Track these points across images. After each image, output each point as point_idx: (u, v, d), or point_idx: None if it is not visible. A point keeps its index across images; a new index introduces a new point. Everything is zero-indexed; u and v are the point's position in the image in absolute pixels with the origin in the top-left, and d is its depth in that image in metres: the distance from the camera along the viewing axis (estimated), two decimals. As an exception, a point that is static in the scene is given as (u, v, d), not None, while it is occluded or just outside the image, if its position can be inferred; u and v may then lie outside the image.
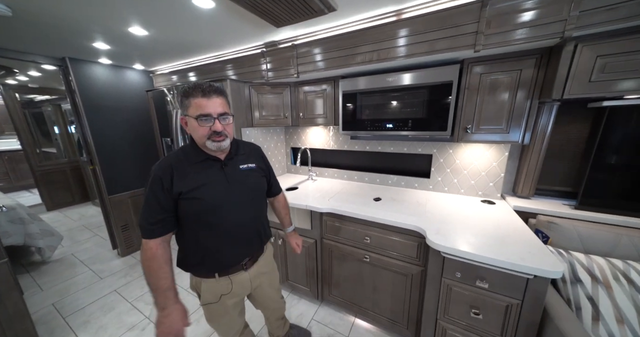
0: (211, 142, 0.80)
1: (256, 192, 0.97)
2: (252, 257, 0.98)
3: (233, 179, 0.88)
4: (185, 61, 2.00)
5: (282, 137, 2.28)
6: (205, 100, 0.77)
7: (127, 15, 1.16)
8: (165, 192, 0.77)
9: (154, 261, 0.77)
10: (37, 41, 1.49)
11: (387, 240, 1.29)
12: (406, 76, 1.29)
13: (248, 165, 0.95)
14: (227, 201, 0.85)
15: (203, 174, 0.83)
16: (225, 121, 0.81)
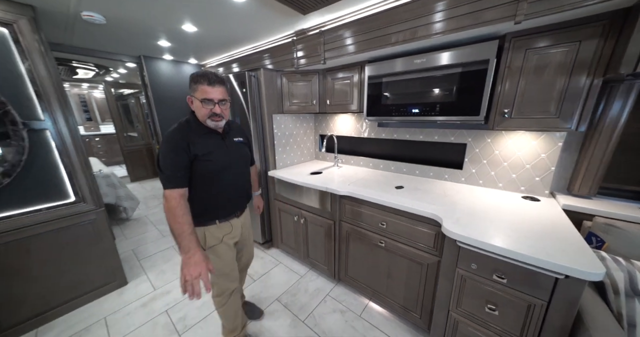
0: (210, 121, 0.99)
1: (246, 160, 1.21)
2: (241, 209, 1.22)
3: (232, 149, 1.10)
4: (228, 54, 2.23)
5: (312, 124, 2.37)
6: (210, 88, 0.94)
7: (180, 14, 1.38)
8: (186, 153, 0.94)
9: (178, 208, 0.91)
10: (122, 43, 1.88)
11: (404, 227, 1.28)
12: (436, 57, 1.21)
13: (239, 139, 1.17)
14: (230, 164, 1.08)
15: (210, 143, 1.02)
16: (223, 106, 1.00)
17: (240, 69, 2.22)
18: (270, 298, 1.70)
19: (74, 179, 1.48)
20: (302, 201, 1.79)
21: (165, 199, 0.92)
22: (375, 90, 1.47)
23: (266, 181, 2.05)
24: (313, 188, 1.66)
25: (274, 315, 1.56)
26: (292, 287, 1.79)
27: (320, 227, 1.72)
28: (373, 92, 1.49)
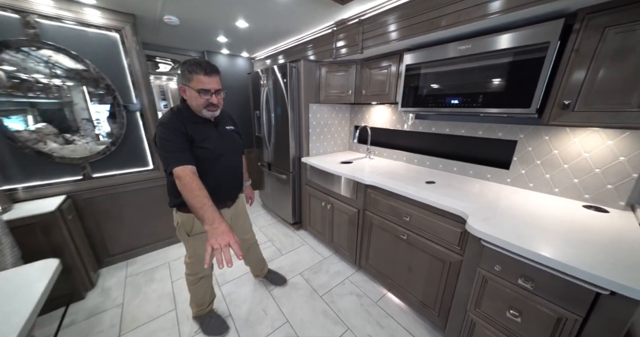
0: (207, 111, 1.00)
1: (238, 147, 1.22)
2: (232, 199, 1.26)
3: (225, 136, 1.12)
4: (274, 47, 2.39)
5: (347, 115, 2.40)
6: (207, 78, 0.94)
7: (236, 12, 1.57)
8: (185, 135, 0.96)
9: (193, 183, 0.88)
10: (190, 41, 2.22)
11: (428, 221, 1.26)
12: (484, 42, 1.10)
13: (230, 127, 1.18)
14: (224, 152, 1.10)
15: (204, 131, 1.03)
16: (219, 95, 1.01)
17: (285, 60, 2.37)
18: (294, 271, 1.88)
19: (152, 151, 1.88)
20: (330, 188, 1.88)
21: (178, 178, 0.90)
22: (413, 80, 1.42)
23: (299, 166, 2.20)
24: (340, 176, 1.72)
25: (296, 286, 1.73)
26: (314, 266, 1.94)
27: (345, 215, 1.79)
28: (410, 82, 1.43)
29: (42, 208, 1.38)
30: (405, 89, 1.47)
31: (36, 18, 1.34)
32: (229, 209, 1.25)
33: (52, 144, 1.55)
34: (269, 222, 2.66)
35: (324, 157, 2.17)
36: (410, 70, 1.41)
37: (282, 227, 2.54)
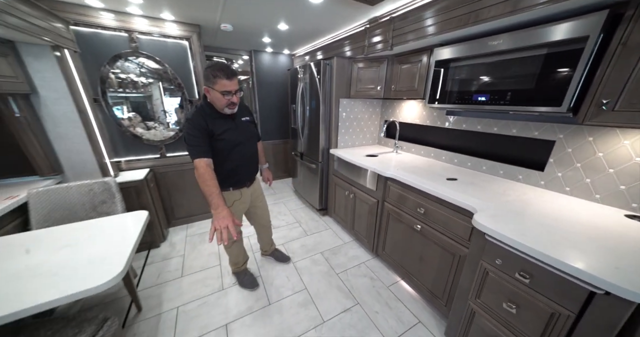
0: (227, 109, 1.19)
1: (253, 136, 1.41)
2: (250, 180, 1.47)
3: (241, 127, 1.31)
4: (313, 44, 2.55)
5: (378, 109, 2.45)
6: (229, 82, 1.10)
7: (277, 17, 1.78)
8: (206, 131, 1.15)
9: (206, 174, 1.09)
10: (240, 42, 2.54)
11: (441, 215, 1.31)
12: (516, 37, 1.07)
13: (246, 118, 1.36)
14: (241, 141, 1.30)
15: (222, 124, 1.21)
16: (238, 95, 1.18)
17: (323, 56, 2.50)
18: (315, 250, 2.11)
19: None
20: (353, 179, 2.02)
21: (195, 168, 1.11)
22: (441, 76, 1.42)
23: (328, 157, 2.38)
24: (363, 167, 1.84)
25: (316, 262, 1.96)
26: (334, 248, 2.13)
27: (366, 204, 1.92)
28: (438, 77, 1.44)
29: (135, 177, 1.87)
30: (434, 85, 1.48)
31: (137, 34, 1.79)
32: (248, 189, 1.47)
33: (140, 130, 2.05)
34: (299, 207, 2.93)
35: (351, 150, 2.29)
36: (439, 66, 1.42)
37: (310, 212, 2.78)
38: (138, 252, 2.01)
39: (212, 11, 1.66)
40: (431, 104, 1.53)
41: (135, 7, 1.59)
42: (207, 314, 1.48)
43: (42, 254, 0.96)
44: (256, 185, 1.58)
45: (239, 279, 1.69)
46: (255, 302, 1.57)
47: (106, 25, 1.67)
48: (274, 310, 1.51)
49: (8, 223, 1.22)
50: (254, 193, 1.55)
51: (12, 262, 0.91)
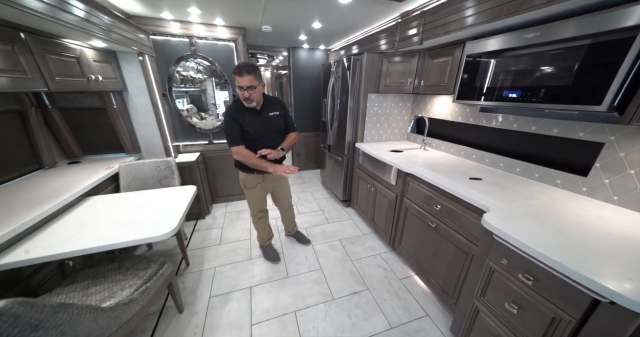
0: (245, 102, 1.36)
1: (278, 129, 1.55)
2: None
3: (265, 121, 1.47)
4: (347, 39, 2.60)
5: (409, 104, 2.39)
6: (239, 78, 1.27)
7: (311, 17, 1.91)
8: (238, 122, 1.40)
9: (248, 154, 1.41)
10: (280, 40, 2.75)
11: (456, 213, 1.30)
12: (556, 28, 0.98)
13: (274, 113, 1.49)
14: (262, 134, 1.47)
15: (248, 117, 1.42)
16: (252, 91, 1.30)
17: (358, 50, 2.54)
18: (334, 237, 2.25)
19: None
20: (375, 172, 2.07)
21: (236, 153, 1.41)
22: (471, 70, 1.36)
23: (353, 151, 2.45)
24: (384, 162, 1.88)
25: (333, 247, 2.10)
26: (353, 238, 2.24)
27: (385, 198, 1.96)
28: (468, 72, 1.39)
29: (189, 159, 2.26)
30: (463, 81, 1.43)
31: (195, 39, 2.13)
32: (271, 175, 1.65)
33: (195, 119, 2.45)
34: (324, 197, 3.10)
35: (377, 144, 2.32)
36: (470, 60, 1.36)
37: (334, 203, 2.92)
38: (188, 221, 2.45)
39: (255, 15, 1.87)
40: (459, 100, 1.48)
41: (195, 16, 1.91)
42: (236, 276, 1.77)
43: (126, 210, 1.32)
44: None
45: (264, 253, 1.95)
46: (276, 274, 1.80)
47: (174, 33, 2.03)
48: (290, 282, 1.72)
49: (107, 186, 1.67)
50: (276, 179, 1.74)
51: (107, 214, 1.28)
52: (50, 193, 1.30)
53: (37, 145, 1.59)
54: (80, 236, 1.08)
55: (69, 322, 0.79)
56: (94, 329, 0.88)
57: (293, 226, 2.13)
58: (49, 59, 1.23)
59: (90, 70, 1.50)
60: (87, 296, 1.01)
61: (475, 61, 1.34)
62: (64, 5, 1.14)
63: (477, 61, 1.33)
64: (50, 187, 1.39)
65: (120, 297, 1.01)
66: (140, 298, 1.06)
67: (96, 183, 1.52)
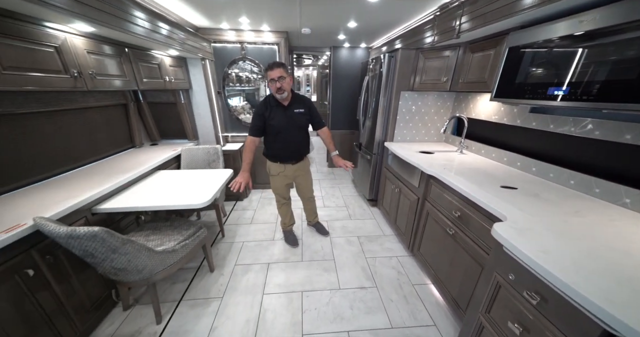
0: (277, 94, 1.52)
1: (300, 125, 1.67)
2: (296, 160, 1.78)
3: (290, 117, 1.62)
4: (387, 36, 2.55)
5: (449, 103, 2.21)
6: (271, 72, 1.47)
7: (345, 17, 1.98)
8: (262, 117, 1.60)
9: (248, 146, 1.63)
10: (321, 40, 2.89)
11: (474, 221, 1.21)
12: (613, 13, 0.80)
13: (299, 110, 1.63)
14: (284, 129, 1.63)
15: (274, 112, 1.59)
16: (281, 81, 1.47)
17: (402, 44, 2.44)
18: (353, 233, 2.28)
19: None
20: (400, 173, 2.01)
21: (246, 141, 1.66)
22: (513, 64, 1.21)
23: (382, 150, 2.42)
24: (408, 162, 1.82)
25: (350, 242, 2.15)
26: (372, 236, 2.24)
27: (408, 200, 1.90)
28: (509, 67, 1.23)
29: (233, 148, 2.64)
30: (503, 76, 1.28)
31: (246, 44, 2.46)
32: (292, 165, 1.81)
33: (243, 115, 2.82)
34: (352, 194, 3.13)
35: (407, 145, 2.23)
36: (514, 53, 1.21)
37: (360, 201, 2.94)
38: (229, 201, 2.86)
39: (294, 19, 2.05)
40: (498, 99, 1.33)
41: (246, 24, 2.21)
42: (259, 252, 2.01)
43: (181, 183, 1.68)
44: (302, 164, 1.88)
45: (285, 236, 2.15)
46: (292, 256, 1.97)
47: (229, 40, 2.40)
48: (303, 266, 1.87)
49: (172, 164, 2.13)
50: (298, 170, 1.87)
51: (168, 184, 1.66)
52: (136, 165, 1.76)
53: (133, 130, 2.14)
54: (148, 197, 1.45)
55: (132, 254, 1.10)
56: (147, 264, 1.19)
57: (314, 216, 2.25)
58: (140, 66, 1.68)
59: (167, 73, 1.94)
60: (147, 241, 1.37)
61: (520, 54, 1.18)
62: (155, 28, 1.56)
63: (521, 54, 1.18)
64: (136, 161, 1.87)
65: (166, 246, 1.33)
66: (180, 250, 1.36)
67: (164, 161, 1.96)
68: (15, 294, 0.97)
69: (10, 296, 0.95)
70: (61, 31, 1.17)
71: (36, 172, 1.42)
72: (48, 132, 1.48)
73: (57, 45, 1.13)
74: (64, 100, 1.53)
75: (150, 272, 1.24)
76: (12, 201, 1.22)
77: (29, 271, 1.00)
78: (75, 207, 1.21)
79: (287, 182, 1.91)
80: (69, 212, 1.17)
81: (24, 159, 1.37)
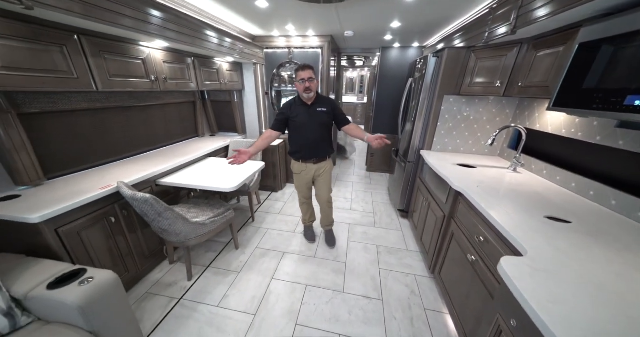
0: (304, 94, 1.60)
1: (323, 123, 1.72)
2: (316, 160, 1.80)
3: (312, 115, 1.68)
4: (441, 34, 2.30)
5: (508, 111, 1.85)
6: (302, 72, 1.56)
7: (387, 17, 1.92)
8: (285, 114, 1.70)
9: (265, 134, 1.75)
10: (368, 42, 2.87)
11: (495, 251, 1.02)
12: None
13: (322, 109, 1.68)
14: (305, 126, 1.69)
15: (297, 110, 1.67)
16: (310, 82, 1.56)
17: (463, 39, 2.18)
18: (373, 242, 2.20)
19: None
20: (431, 185, 1.83)
21: (265, 131, 1.80)
22: (581, 66, 0.95)
23: (418, 158, 2.23)
24: (439, 173, 1.64)
25: (367, 249, 2.09)
26: (393, 249, 2.11)
27: (434, 216, 1.72)
28: (577, 69, 0.97)
29: (273, 143, 2.90)
30: (568, 79, 1.02)
31: (293, 49, 2.66)
32: (313, 165, 1.83)
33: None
34: (383, 202, 2.99)
35: (446, 155, 2.00)
36: (583, 51, 0.95)
37: (390, 210, 2.78)
38: (265, 191, 3.16)
39: (335, 24, 2.11)
40: (557, 108, 1.06)
41: (293, 30, 2.40)
42: (279, 241, 2.18)
43: (221, 170, 1.99)
44: (323, 165, 1.87)
45: (305, 231, 2.25)
46: (306, 250, 2.06)
47: (279, 46, 2.66)
48: (314, 262, 1.93)
49: (220, 153, 2.53)
50: (318, 170, 1.87)
51: (213, 170, 1.99)
52: (194, 151, 2.18)
53: (198, 123, 2.64)
54: (194, 178, 1.79)
55: (172, 219, 1.40)
56: (182, 230, 1.49)
57: (326, 223, 2.15)
58: (202, 71, 2.07)
59: (223, 76, 2.32)
60: (188, 212, 1.69)
61: (592, 52, 0.92)
62: (222, 42, 1.92)
63: (594, 52, 0.92)
64: (195, 148, 2.31)
65: (199, 219, 1.61)
66: (209, 225, 1.63)
67: (215, 149, 2.36)
68: (104, 232, 1.39)
69: (101, 233, 1.37)
70: (147, 47, 1.59)
71: (131, 149, 1.96)
72: (140, 121, 2.00)
73: (144, 58, 1.55)
74: (152, 98, 2.05)
75: (185, 237, 1.54)
76: (114, 168, 1.71)
77: (112, 218, 1.41)
78: (145, 177, 1.61)
79: (307, 181, 1.93)
80: (140, 180, 1.58)
81: (127, 140, 1.91)
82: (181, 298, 1.59)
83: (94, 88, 1.30)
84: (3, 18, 0.97)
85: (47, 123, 1.41)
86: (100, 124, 1.71)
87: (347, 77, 7.63)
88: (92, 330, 0.98)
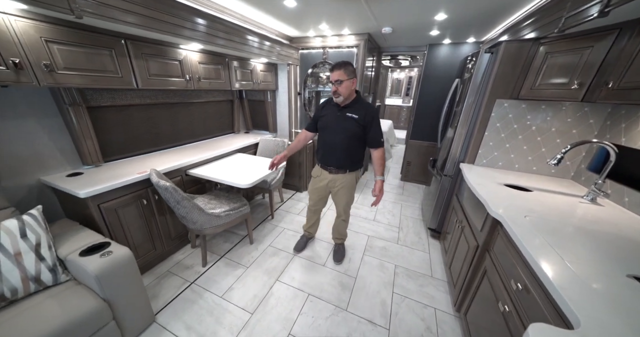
0: (333, 96, 1.48)
1: (348, 130, 1.50)
2: (336, 169, 1.62)
3: (339, 118, 1.52)
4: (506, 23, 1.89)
5: (592, 121, 1.40)
6: (331, 73, 1.41)
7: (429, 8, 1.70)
8: (317, 114, 1.63)
9: (299, 136, 1.72)
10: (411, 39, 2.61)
11: (536, 308, 0.76)
12: None
13: (352, 115, 1.47)
14: (328, 127, 1.57)
15: (327, 111, 1.57)
16: (339, 85, 1.40)
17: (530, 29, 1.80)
18: (392, 260, 1.97)
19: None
20: (467, 206, 1.53)
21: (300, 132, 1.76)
22: None
23: (457, 172, 1.90)
24: (475, 194, 1.34)
25: (383, 268, 1.88)
26: (414, 273, 1.84)
27: (467, 244, 1.42)
28: None
29: (302, 144, 2.90)
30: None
31: (327, 49, 2.60)
32: (329, 174, 1.64)
33: (318, 114, 3.03)
34: (413, 216, 2.68)
35: (493, 172, 1.64)
36: None
37: (420, 227, 2.47)
38: (289, 190, 3.20)
39: (370, 20, 1.96)
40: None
41: (327, 30, 2.34)
42: (292, 242, 2.15)
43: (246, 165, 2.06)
44: (340, 179, 1.64)
45: (299, 238, 2.11)
46: (316, 258, 1.98)
47: (314, 46, 2.63)
48: (321, 271, 1.84)
49: (250, 150, 2.65)
50: (332, 183, 1.67)
51: (238, 165, 2.09)
52: (226, 146, 2.34)
53: (234, 120, 2.83)
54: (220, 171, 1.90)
55: (189, 208, 1.51)
56: (198, 219, 1.59)
57: (336, 236, 1.97)
58: (237, 71, 2.18)
59: (257, 76, 2.42)
60: (208, 203, 1.81)
61: None
62: (262, 46, 2.02)
63: None
64: (228, 143, 2.47)
65: (215, 210, 1.70)
66: (224, 217, 1.71)
67: (244, 146, 2.48)
68: (137, 212, 1.59)
69: (134, 212, 1.57)
70: (184, 49, 1.75)
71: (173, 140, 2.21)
72: (183, 116, 2.25)
73: (180, 60, 1.70)
74: (194, 96, 2.27)
75: (200, 226, 1.64)
76: (156, 157, 1.95)
77: (144, 200, 1.60)
78: (177, 167, 1.78)
79: (319, 189, 1.75)
80: (172, 169, 1.76)
81: (170, 132, 2.17)
82: (193, 282, 1.70)
83: (135, 86, 1.49)
84: (65, 27, 1.17)
85: (107, 115, 1.69)
86: (149, 118, 1.97)
87: (394, 78, 7.19)
88: (105, 298, 1.12)
